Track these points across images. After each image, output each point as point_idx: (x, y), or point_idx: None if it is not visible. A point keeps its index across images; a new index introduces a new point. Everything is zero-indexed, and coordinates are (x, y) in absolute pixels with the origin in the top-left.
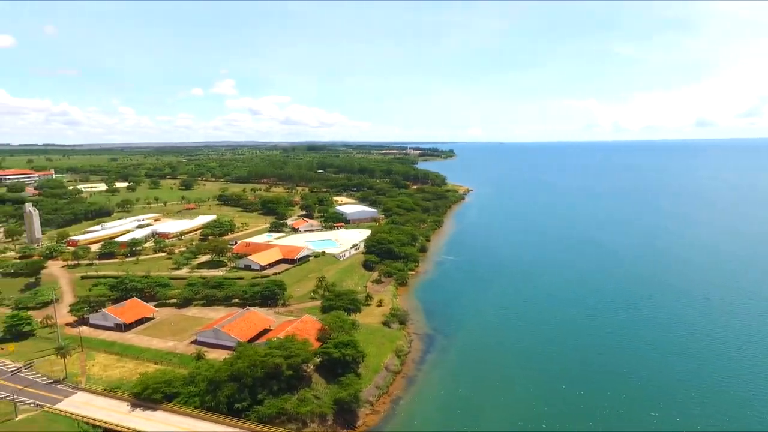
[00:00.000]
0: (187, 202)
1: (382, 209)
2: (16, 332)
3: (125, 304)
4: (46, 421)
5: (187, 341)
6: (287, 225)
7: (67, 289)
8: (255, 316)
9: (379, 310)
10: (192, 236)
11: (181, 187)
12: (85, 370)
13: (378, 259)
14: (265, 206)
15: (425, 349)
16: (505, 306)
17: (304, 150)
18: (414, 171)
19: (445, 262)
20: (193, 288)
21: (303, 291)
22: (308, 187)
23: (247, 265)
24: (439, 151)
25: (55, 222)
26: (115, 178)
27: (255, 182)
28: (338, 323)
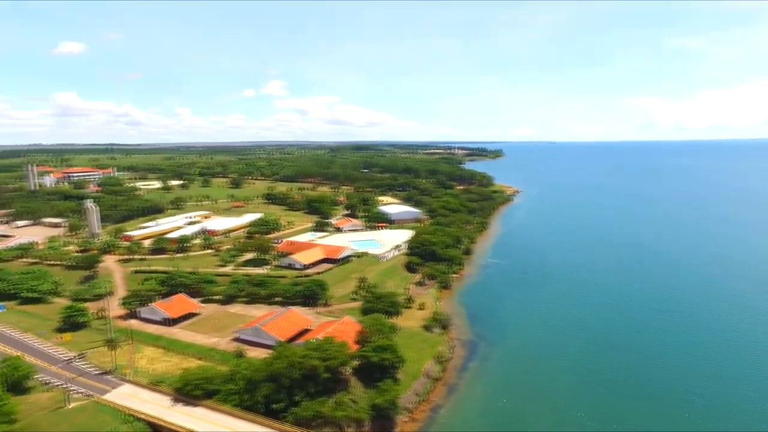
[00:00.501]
0: (236, 201)
1: (426, 210)
2: (73, 323)
3: (172, 299)
4: (95, 410)
5: (229, 338)
6: (331, 224)
7: (120, 283)
8: (295, 315)
9: (420, 313)
10: (239, 234)
11: (231, 185)
12: (133, 362)
13: (421, 261)
14: (310, 205)
15: (467, 356)
16: (554, 314)
17: (351, 150)
18: (460, 171)
19: (490, 266)
20: (237, 285)
21: (344, 291)
22: (353, 187)
23: (290, 264)
24: (487, 151)
25: (113, 218)
26: (170, 177)
27: (301, 181)
28: (377, 326)
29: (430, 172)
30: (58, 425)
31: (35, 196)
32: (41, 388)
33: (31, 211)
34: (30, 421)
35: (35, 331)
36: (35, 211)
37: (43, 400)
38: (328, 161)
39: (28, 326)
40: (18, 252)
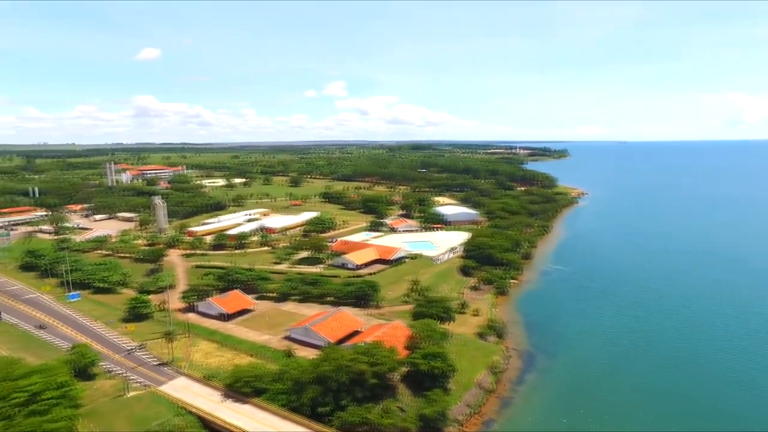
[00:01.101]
0: (294, 199)
1: (484, 211)
2: (137, 314)
3: (228, 295)
4: (151, 400)
5: (280, 336)
6: (385, 224)
7: (181, 277)
8: (345, 316)
9: (474, 320)
10: (295, 232)
11: (291, 183)
12: (189, 355)
13: (476, 265)
14: (366, 205)
15: (524, 367)
16: (621, 326)
17: (409, 149)
18: (521, 172)
19: (551, 272)
20: (290, 283)
21: (396, 294)
22: (409, 187)
23: (343, 263)
24: (551, 151)
25: (179, 213)
26: (234, 175)
27: (359, 180)
28: (428, 332)
29: (489, 172)
30: (117, 413)
31: (112, 191)
32: (105, 375)
33: (107, 205)
34: (93, 407)
35: (104, 319)
36: (111, 206)
37: (106, 387)
38: (385, 161)
39: (98, 315)
40: (94, 244)
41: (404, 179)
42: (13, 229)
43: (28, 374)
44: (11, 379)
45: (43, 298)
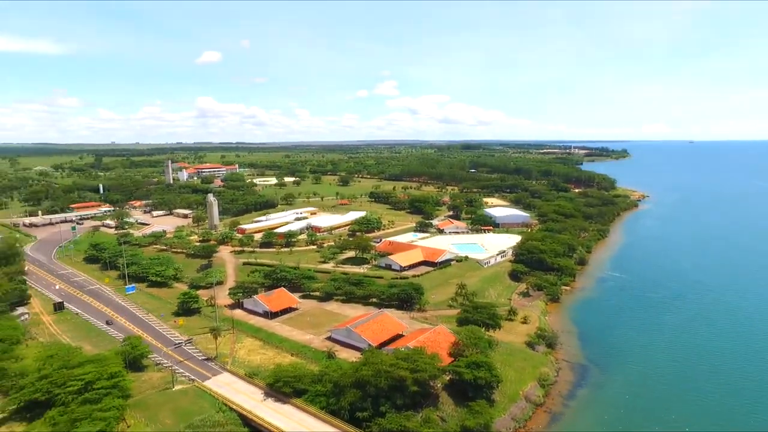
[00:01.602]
0: (341, 198)
1: (536, 213)
2: (187, 308)
3: (273, 293)
4: (195, 395)
5: (322, 337)
6: (433, 225)
7: (230, 273)
8: (388, 319)
9: (523, 327)
10: (341, 231)
11: (339, 183)
12: (233, 352)
13: (527, 270)
14: (413, 205)
15: (576, 381)
16: (687, 343)
17: (459, 149)
18: (577, 172)
19: (608, 280)
20: (334, 283)
21: (441, 297)
22: (458, 187)
23: (388, 264)
24: (609, 151)
25: (231, 211)
26: (285, 174)
27: (407, 180)
28: (473, 340)
29: (542, 173)
30: (163, 405)
31: (170, 189)
32: (154, 367)
33: (165, 202)
34: (141, 398)
35: (156, 312)
36: (169, 203)
37: (154, 379)
38: (434, 160)
39: (152, 307)
40: (151, 239)
41: (453, 179)
42: (80, 223)
43: (83, 363)
44: (69, 367)
45: (104, 290)
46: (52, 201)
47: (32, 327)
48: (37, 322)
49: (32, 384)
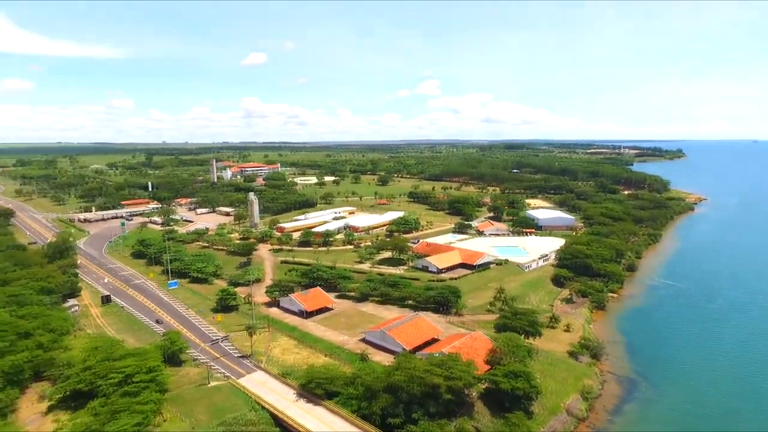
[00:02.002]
0: (380, 198)
1: (581, 216)
2: (225, 305)
3: (309, 293)
4: (229, 392)
5: (357, 338)
6: (472, 227)
7: (268, 271)
8: (423, 322)
9: (566, 336)
10: (379, 231)
11: (379, 182)
12: (268, 350)
13: (571, 275)
14: (453, 206)
15: (623, 395)
16: (751, 359)
17: (502, 149)
18: (627, 173)
19: (660, 288)
20: (370, 284)
21: (479, 301)
22: (500, 188)
23: (425, 266)
24: (663, 151)
25: (272, 209)
26: (325, 173)
27: (447, 180)
28: (511, 347)
29: (590, 174)
30: (198, 401)
31: (214, 187)
32: (191, 363)
33: (209, 200)
34: (178, 393)
35: (196, 308)
36: (212, 201)
37: (191, 375)
38: (476, 160)
39: (192, 303)
40: (194, 236)
41: (495, 180)
42: (130, 219)
43: (125, 357)
44: (111, 359)
45: (148, 284)
46: (105, 198)
47: (81, 318)
48: (86, 314)
49: (77, 374)
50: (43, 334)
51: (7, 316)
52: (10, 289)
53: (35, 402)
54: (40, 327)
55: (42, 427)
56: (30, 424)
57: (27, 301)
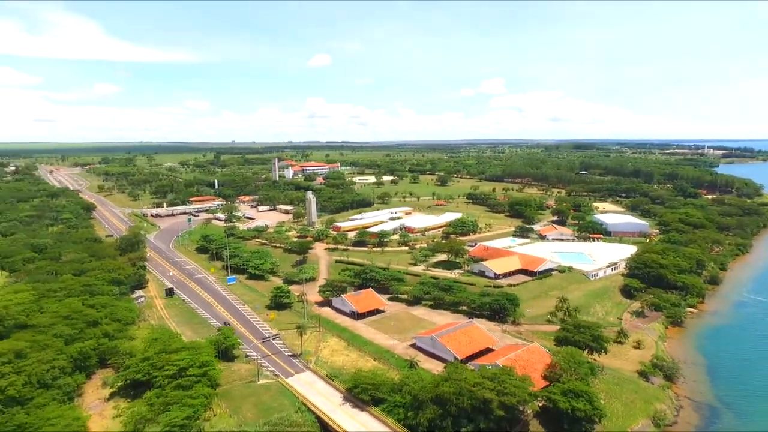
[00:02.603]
0: (438, 198)
1: (656, 222)
2: (279, 303)
3: (361, 293)
4: (277, 391)
5: (406, 343)
6: (534, 231)
7: (323, 270)
8: (477, 331)
9: (635, 353)
10: (435, 233)
11: (437, 182)
12: (317, 351)
13: (643, 286)
14: (513, 208)
15: (702, 424)
16: None
17: (569, 148)
18: (710, 176)
19: (749, 304)
20: (423, 287)
21: (538, 311)
22: (566, 190)
23: (481, 271)
24: (754, 152)
25: (329, 208)
26: (384, 172)
27: (508, 181)
28: (572, 363)
29: (666, 176)
30: (247, 398)
31: (276, 185)
32: (243, 359)
33: (270, 198)
34: (228, 388)
35: (252, 304)
36: (273, 199)
37: (242, 371)
38: (539, 160)
39: (248, 299)
40: (254, 233)
41: (560, 181)
42: (196, 215)
43: (180, 350)
44: (168, 351)
45: (209, 279)
46: (175, 194)
47: (146, 309)
48: (150, 305)
49: (136, 364)
50: (109, 324)
51: (79, 305)
52: (84, 279)
53: (99, 388)
54: (107, 316)
55: (103, 412)
56: (93, 408)
57: (98, 291)
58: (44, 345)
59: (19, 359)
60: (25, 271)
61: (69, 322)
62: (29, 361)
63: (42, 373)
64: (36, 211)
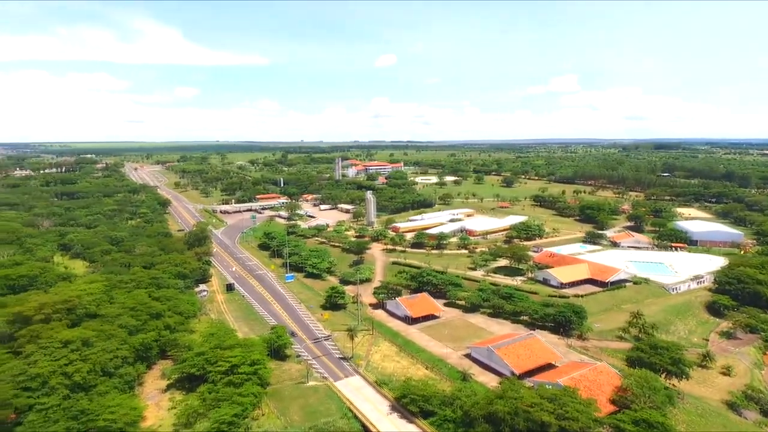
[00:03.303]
0: (502, 200)
1: (752, 231)
2: (333, 303)
3: (416, 297)
4: (325, 394)
5: (461, 352)
6: (605, 237)
7: (379, 271)
8: (538, 344)
9: (723, 381)
10: (497, 237)
11: (502, 184)
12: (368, 355)
13: (734, 303)
14: (584, 212)
15: None
16: None
17: (650, 148)
18: None
19: None
20: (482, 294)
21: (608, 325)
22: (644, 193)
23: (546, 279)
24: None
25: (389, 208)
26: (447, 172)
27: (580, 183)
28: (646, 389)
29: (765, 179)
30: (294, 400)
31: (338, 184)
32: (295, 359)
33: (331, 197)
34: (278, 388)
35: (307, 303)
36: (334, 198)
37: (293, 371)
38: (615, 161)
39: (304, 298)
40: (314, 231)
41: (638, 184)
42: (261, 212)
43: (233, 346)
44: (222, 347)
45: (269, 276)
46: (242, 192)
47: (207, 303)
48: (212, 299)
49: (192, 358)
50: (172, 316)
51: (145, 297)
52: (152, 272)
53: (158, 378)
54: (170, 309)
55: (159, 403)
56: (150, 399)
57: (164, 284)
58: (110, 335)
59: (86, 347)
60: (102, 262)
61: (134, 314)
62: (95, 350)
63: (106, 362)
64: (118, 206)
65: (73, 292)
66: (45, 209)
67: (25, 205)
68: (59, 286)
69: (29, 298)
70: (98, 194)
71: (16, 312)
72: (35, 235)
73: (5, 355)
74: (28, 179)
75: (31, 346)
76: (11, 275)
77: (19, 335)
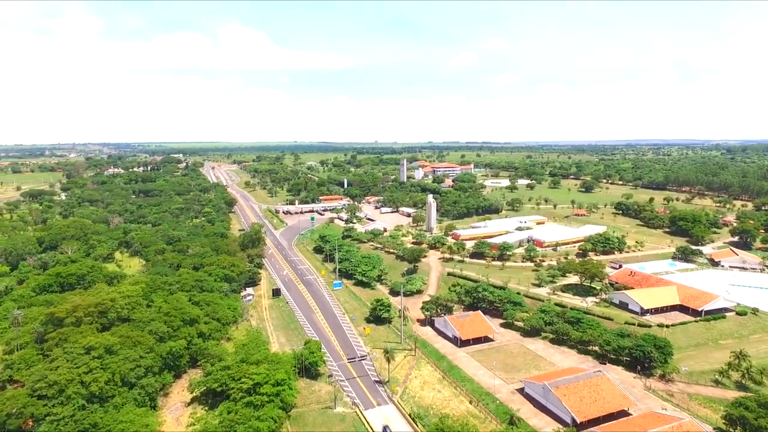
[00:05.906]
0: (578, 207)
1: None
2: (377, 316)
3: (468, 316)
4: (352, 424)
5: (513, 386)
6: (702, 254)
7: (432, 282)
8: (607, 385)
9: None
10: (569, 249)
11: (581, 189)
12: (407, 380)
13: None
14: (675, 223)
15: None
16: None
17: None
18: None
19: None
20: (544, 316)
21: (700, 366)
22: (753, 203)
23: (624, 302)
24: None
25: (451, 213)
26: (520, 176)
27: (672, 190)
28: None
29: None
30: (318, 427)
31: (402, 187)
32: (326, 379)
33: (394, 200)
34: (302, 412)
35: (351, 314)
36: (396, 201)
37: (322, 392)
38: (717, 165)
39: (349, 308)
40: (370, 236)
41: (745, 192)
42: (322, 213)
43: (260, 362)
44: (248, 362)
45: (318, 281)
46: (307, 192)
47: (251, 308)
48: (256, 304)
49: (216, 372)
50: (209, 322)
51: (184, 300)
52: (198, 274)
53: (185, 389)
54: (208, 315)
55: (180, 418)
56: (172, 412)
57: (208, 287)
58: (136, 341)
59: (108, 355)
60: (153, 262)
61: (167, 319)
62: (116, 358)
63: (126, 372)
64: (185, 204)
65: (108, 295)
66: (120, 206)
67: (104, 202)
68: (97, 288)
69: (67, 298)
70: (171, 192)
71: (48, 313)
72: (101, 232)
73: (36, 356)
74: (114, 177)
75: (57, 350)
76: (62, 273)
77: (49, 337)
